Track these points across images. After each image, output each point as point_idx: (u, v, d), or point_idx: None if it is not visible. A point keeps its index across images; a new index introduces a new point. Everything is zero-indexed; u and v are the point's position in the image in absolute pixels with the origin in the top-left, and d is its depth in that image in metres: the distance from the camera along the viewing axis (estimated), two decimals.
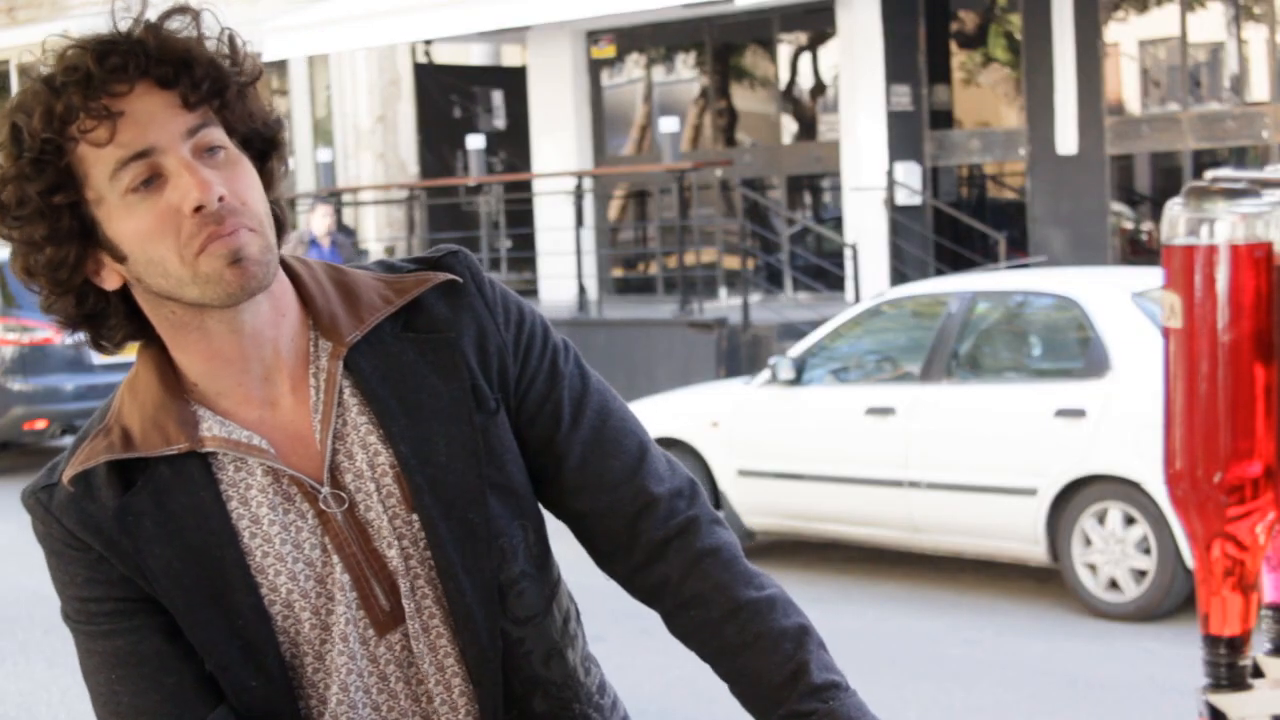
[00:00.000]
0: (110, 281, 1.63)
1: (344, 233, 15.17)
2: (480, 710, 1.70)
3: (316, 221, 13.21)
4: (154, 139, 1.57)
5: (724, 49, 18.18)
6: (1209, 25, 14.77)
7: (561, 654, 1.76)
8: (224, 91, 1.61)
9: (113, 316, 1.65)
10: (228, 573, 1.62)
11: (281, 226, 1.66)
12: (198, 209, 1.56)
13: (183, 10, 1.61)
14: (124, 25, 1.58)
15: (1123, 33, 15.36)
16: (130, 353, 1.72)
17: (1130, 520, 7.57)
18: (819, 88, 17.70)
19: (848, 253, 15.11)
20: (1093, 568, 7.68)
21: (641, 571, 1.73)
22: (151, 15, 1.60)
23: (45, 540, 1.67)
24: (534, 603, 1.73)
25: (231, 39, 1.64)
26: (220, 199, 1.56)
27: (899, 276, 15.22)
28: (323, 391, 1.66)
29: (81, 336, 1.68)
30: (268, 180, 1.66)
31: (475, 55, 21.48)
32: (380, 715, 1.69)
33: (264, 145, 1.67)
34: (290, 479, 1.65)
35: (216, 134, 1.60)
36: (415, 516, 1.66)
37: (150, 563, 1.61)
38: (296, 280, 1.70)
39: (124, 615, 1.64)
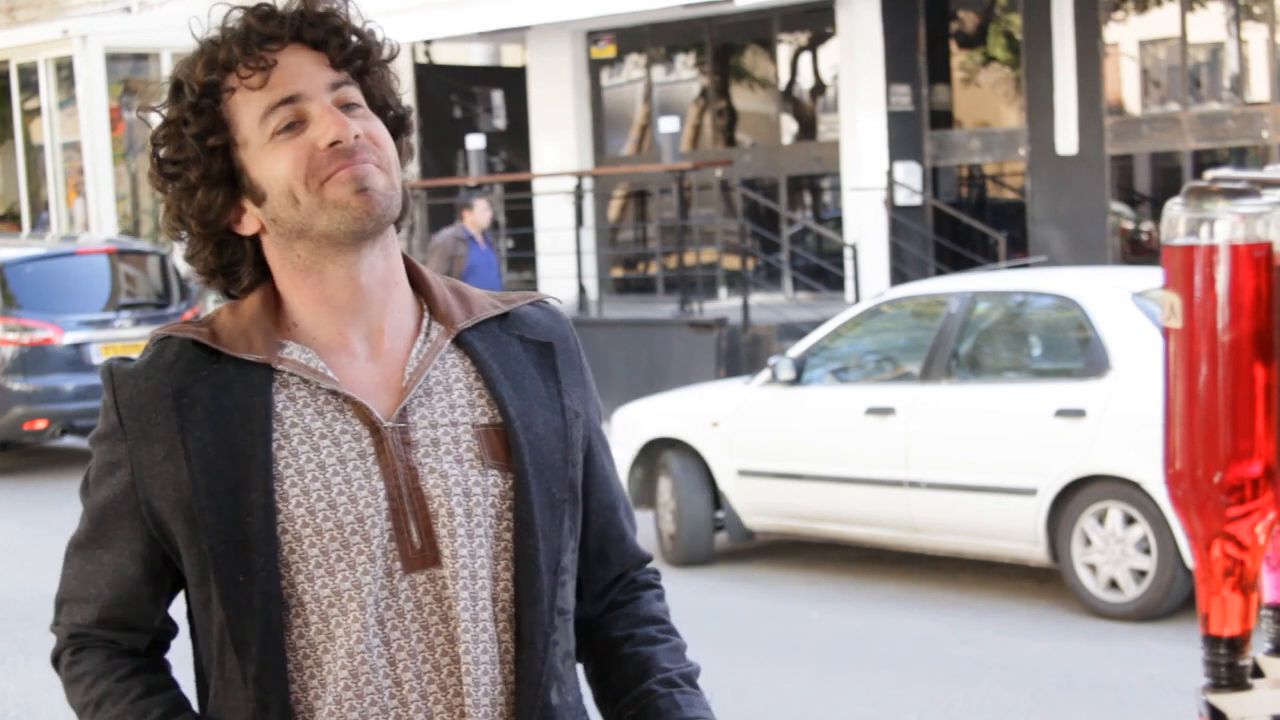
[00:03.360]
0: (249, 226, 1.81)
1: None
2: (519, 671, 1.80)
3: (481, 215, 12.34)
4: (302, 87, 1.77)
5: (724, 49, 18.18)
6: (1209, 25, 14.77)
7: (574, 660, 1.90)
8: (367, 58, 1.81)
9: (244, 264, 1.83)
10: (251, 470, 1.75)
11: (405, 204, 1.82)
12: (333, 144, 1.74)
13: None
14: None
15: (1123, 33, 15.36)
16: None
17: (1130, 520, 7.56)
18: (819, 88, 17.70)
19: (848, 253, 15.11)
20: (1093, 568, 7.67)
21: (598, 594, 1.96)
22: None
23: (101, 412, 1.84)
24: (570, 599, 1.87)
25: (371, 28, 1.84)
26: (355, 136, 1.75)
27: (899, 276, 15.22)
28: (424, 355, 1.83)
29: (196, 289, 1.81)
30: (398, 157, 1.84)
31: (475, 55, 21.48)
32: (389, 649, 1.77)
33: (395, 125, 1.84)
34: (354, 406, 1.79)
35: (355, 94, 1.80)
36: (493, 472, 1.80)
37: (189, 443, 1.76)
38: (413, 270, 1.89)
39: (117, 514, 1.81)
